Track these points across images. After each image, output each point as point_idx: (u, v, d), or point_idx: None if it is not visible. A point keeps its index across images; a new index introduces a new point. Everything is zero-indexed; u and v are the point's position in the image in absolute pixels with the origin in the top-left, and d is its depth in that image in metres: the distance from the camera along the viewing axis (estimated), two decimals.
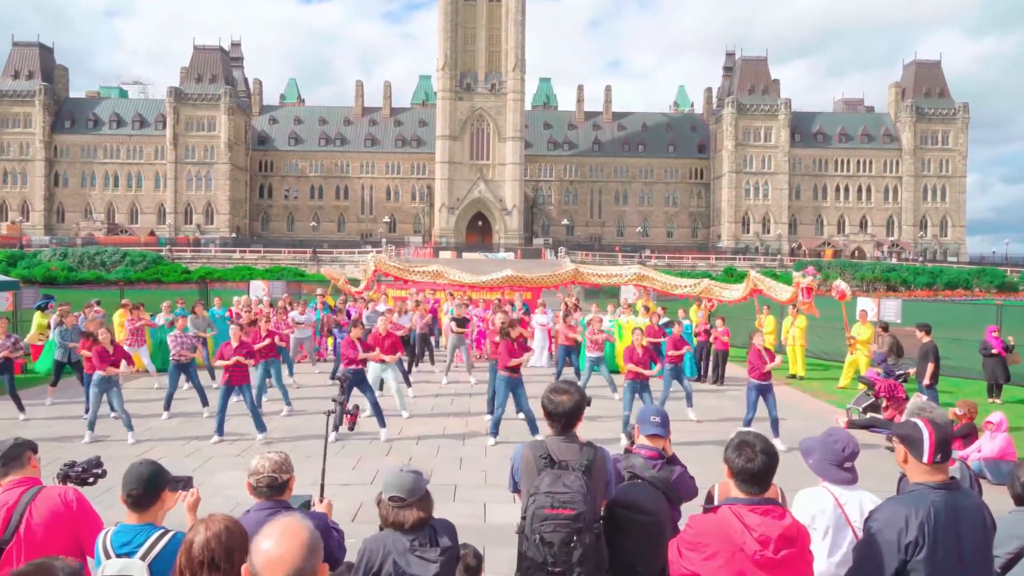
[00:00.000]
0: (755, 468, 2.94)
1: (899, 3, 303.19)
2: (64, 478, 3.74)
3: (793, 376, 18.07)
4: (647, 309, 18.17)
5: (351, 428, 5.31)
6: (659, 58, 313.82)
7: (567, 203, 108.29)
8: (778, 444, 10.75)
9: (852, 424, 12.37)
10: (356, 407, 5.28)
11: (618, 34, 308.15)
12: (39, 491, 3.45)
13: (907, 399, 12.22)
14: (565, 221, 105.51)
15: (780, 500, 3.96)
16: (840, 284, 18.54)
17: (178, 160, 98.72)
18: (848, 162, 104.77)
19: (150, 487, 3.27)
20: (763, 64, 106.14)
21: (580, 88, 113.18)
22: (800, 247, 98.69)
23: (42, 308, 20.24)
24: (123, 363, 11.30)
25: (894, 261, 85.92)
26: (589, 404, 4.01)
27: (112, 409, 12.07)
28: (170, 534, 3.23)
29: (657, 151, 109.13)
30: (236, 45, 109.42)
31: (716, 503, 4.13)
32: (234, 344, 10.95)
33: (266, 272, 64.16)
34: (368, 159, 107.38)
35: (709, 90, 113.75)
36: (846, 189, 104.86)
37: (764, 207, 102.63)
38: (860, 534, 3.66)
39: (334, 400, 5.24)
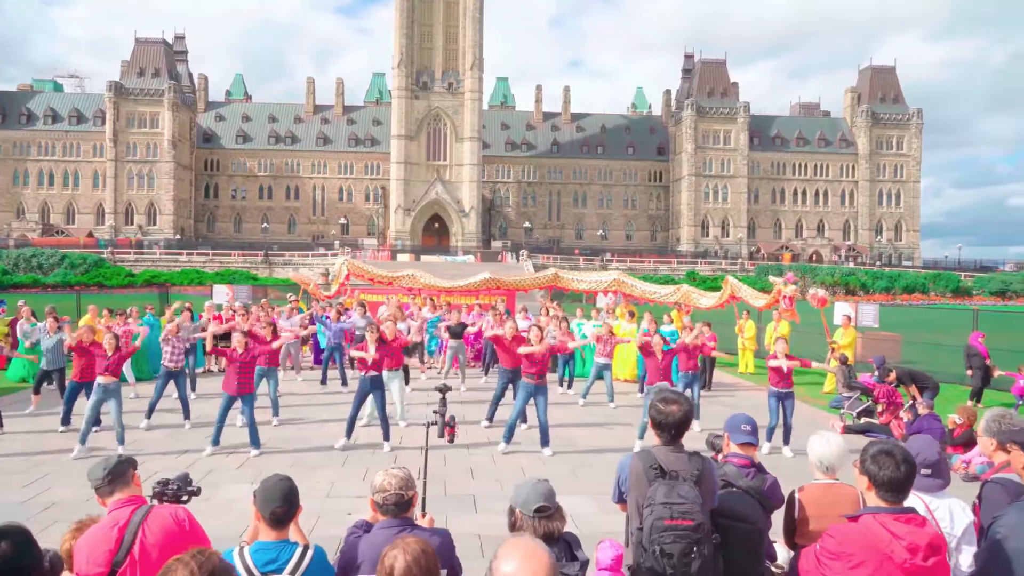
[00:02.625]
0: (901, 477, 3.08)
1: (862, 7, 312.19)
2: (159, 496, 3.70)
3: None
4: (632, 315, 18.41)
5: (451, 440, 5.29)
6: (620, 58, 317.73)
7: (525, 205, 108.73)
8: (787, 452, 11.04)
9: (848, 429, 12.73)
10: (453, 418, 5.26)
11: (579, 33, 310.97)
12: (149, 510, 3.41)
13: (903, 405, 12.65)
14: (524, 223, 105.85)
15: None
16: (819, 291, 19.07)
17: (118, 158, 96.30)
18: (806, 166, 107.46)
19: (293, 503, 3.28)
20: (722, 67, 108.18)
21: (539, 88, 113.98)
22: (759, 251, 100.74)
23: None
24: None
25: (851, 265, 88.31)
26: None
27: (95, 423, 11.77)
28: (311, 548, 3.26)
29: (616, 153, 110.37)
30: (180, 38, 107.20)
31: (793, 509, 4.29)
32: (240, 350, 10.77)
33: (216, 276, 62.86)
34: (320, 159, 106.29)
35: (668, 92, 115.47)
36: (803, 193, 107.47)
37: (723, 211, 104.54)
38: (950, 540, 3.84)
39: (436, 412, 5.22)
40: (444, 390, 5.76)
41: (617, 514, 8.18)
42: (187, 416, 12.50)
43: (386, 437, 10.91)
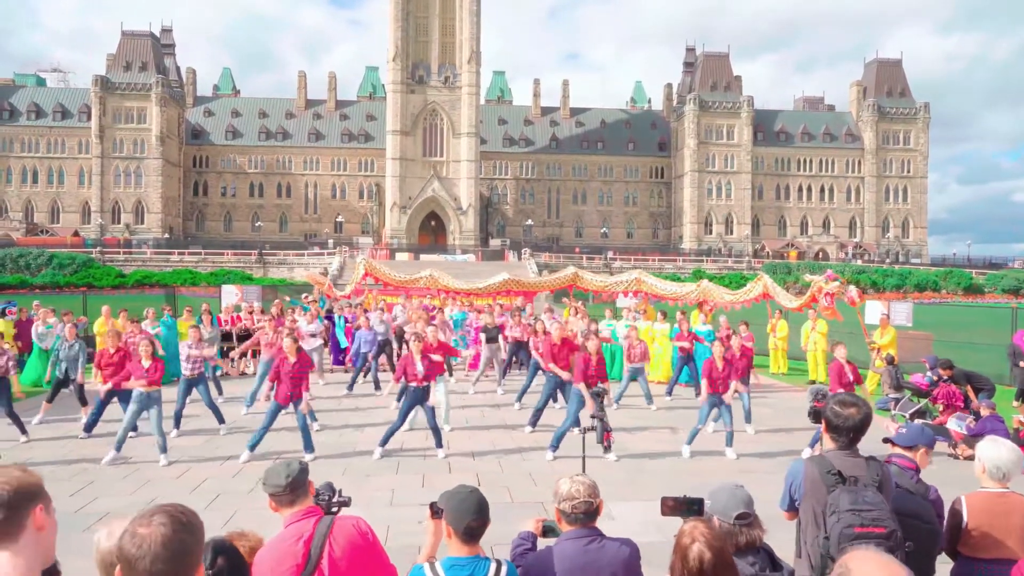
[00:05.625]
0: None
1: None
2: None
3: (813, 382, 18.46)
4: (664, 315, 18.39)
5: (608, 447, 5.19)
6: (619, 51, 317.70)
7: (523, 202, 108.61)
8: None
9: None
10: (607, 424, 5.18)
11: (577, 26, 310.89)
12: (333, 521, 3.34)
13: (962, 408, 12.62)
14: (527, 221, 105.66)
15: None
16: (852, 289, 19.09)
17: (105, 155, 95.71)
18: (811, 162, 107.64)
19: (487, 516, 3.21)
20: (725, 60, 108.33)
21: (536, 82, 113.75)
22: (763, 248, 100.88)
23: (1, 314, 19.52)
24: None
25: (859, 263, 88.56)
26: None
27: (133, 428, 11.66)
28: (504, 563, 3.21)
29: (616, 149, 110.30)
30: (167, 31, 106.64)
31: (960, 516, 4.23)
32: (292, 359, 10.66)
33: (210, 276, 62.67)
34: (312, 155, 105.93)
35: (669, 86, 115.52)
36: (808, 189, 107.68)
37: (727, 207, 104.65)
38: None
39: (593, 416, 5.15)
40: (602, 394, 5.68)
41: None
42: (221, 421, 12.41)
43: (439, 444, 10.83)
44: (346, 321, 19.29)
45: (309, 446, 10.64)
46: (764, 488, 7.50)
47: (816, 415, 4.13)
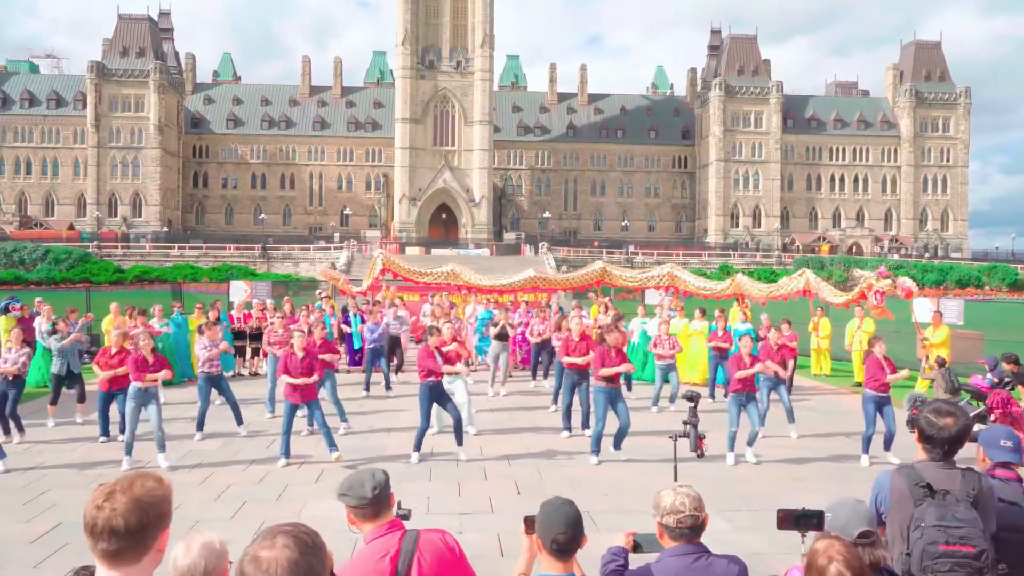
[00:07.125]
0: None
1: None
2: None
3: (859, 384, 18.27)
4: (703, 312, 18.24)
5: (702, 454, 5.11)
6: (641, 35, 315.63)
7: (539, 194, 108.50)
8: (891, 459, 10.76)
9: None
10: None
11: (596, 7, 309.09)
12: (418, 535, 3.26)
13: (1020, 416, 12.38)
14: (542, 213, 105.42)
15: None
16: (906, 281, 18.81)
17: (101, 144, 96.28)
18: (843, 150, 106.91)
19: (578, 530, 3.11)
20: (753, 43, 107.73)
21: (553, 67, 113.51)
22: (793, 242, 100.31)
23: (5, 311, 19.56)
24: (163, 372, 10.87)
25: (896, 257, 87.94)
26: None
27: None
28: None
29: (637, 137, 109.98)
30: (166, 15, 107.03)
31: None
32: (299, 354, 10.64)
33: (212, 271, 63.01)
34: (317, 144, 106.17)
35: (693, 71, 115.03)
36: (841, 179, 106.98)
37: (755, 199, 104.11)
38: None
39: (686, 423, 5.05)
40: (695, 398, 5.58)
41: (751, 532, 8.04)
42: (240, 421, 12.40)
43: (459, 443, 10.78)
44: (362, 319, 19.23)
45: (332, 445, 10.59)
46: (812, 496, 7.41)
47: (915, 424, 4.00)
